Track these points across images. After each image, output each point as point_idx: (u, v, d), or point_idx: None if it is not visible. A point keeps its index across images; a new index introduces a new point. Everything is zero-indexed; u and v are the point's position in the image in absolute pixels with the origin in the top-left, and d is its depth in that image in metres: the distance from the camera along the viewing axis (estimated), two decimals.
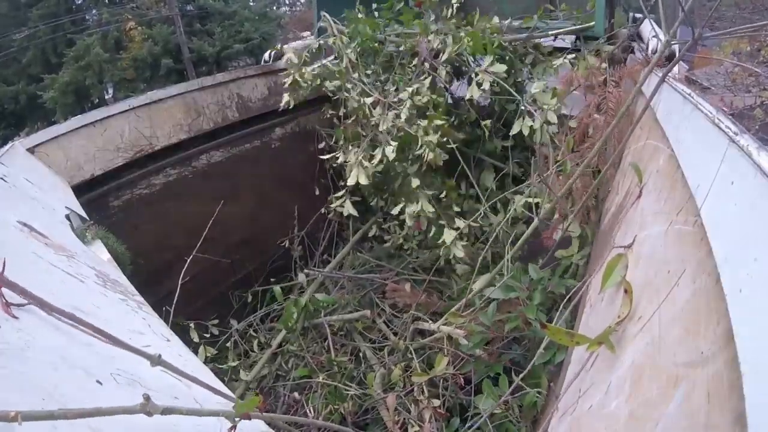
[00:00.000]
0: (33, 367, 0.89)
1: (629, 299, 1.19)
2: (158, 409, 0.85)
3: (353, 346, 3.34)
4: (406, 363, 2.76)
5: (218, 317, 3.67)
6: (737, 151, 0.90)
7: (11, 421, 0.61)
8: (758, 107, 5.89)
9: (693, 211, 1.04)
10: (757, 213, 0.77)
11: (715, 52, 6.52)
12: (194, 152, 3.87)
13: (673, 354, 0.89)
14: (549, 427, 1.50)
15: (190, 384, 1.22)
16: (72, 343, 1.06)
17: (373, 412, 2.78)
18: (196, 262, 3.10)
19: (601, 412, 1.10)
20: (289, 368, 3.31)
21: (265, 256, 4.22)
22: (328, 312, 3.48)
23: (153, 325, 1.61)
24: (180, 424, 1.06)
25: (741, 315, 0.71)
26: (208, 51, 14.75)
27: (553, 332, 1.28)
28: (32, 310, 1.02)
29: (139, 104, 3.48)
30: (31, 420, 0.64)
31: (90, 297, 1.47)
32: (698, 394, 0.75)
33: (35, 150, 2.99)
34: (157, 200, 3.64)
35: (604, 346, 1.21)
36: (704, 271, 0.89)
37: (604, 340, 1.20)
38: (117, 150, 3.38)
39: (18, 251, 1.42)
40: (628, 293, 1.20)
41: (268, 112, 4.22)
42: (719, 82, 6.42)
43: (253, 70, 4.21)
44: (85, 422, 0.82)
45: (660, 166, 1.48)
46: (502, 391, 2.19)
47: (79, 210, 2.58)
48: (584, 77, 2.68)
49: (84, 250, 2.08)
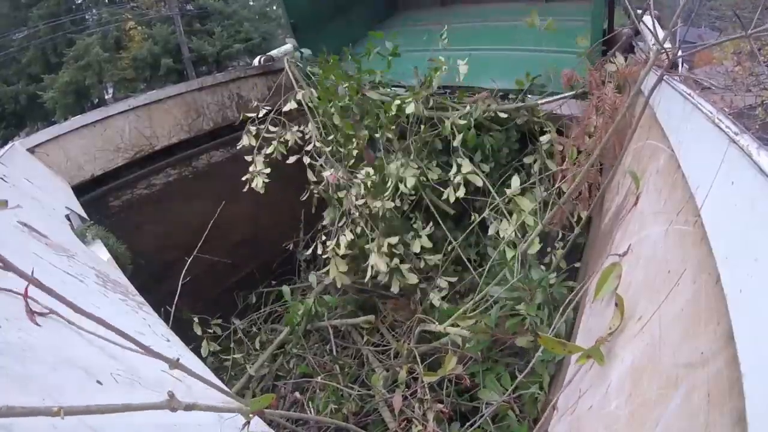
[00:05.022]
0: (33, 367, 0.89)
1: (620, 312, 1.19)
2: (181, 405, 0.88)
3: (356, 349, 3.34)
4: (410, 365, 2.75)
5: (220, 317, 3.68)
6: (737, 151, 0.90)
7: (54, 415, 0.66)
8: (759, 107, 5.89)
9: (693, 211, 1.04)
10: (757, 213, 0.77)
11: (715, 51, 6.52)
12: (194, 152, 3.88)
13: (673, 354, 0.89)
14: (549, 426, 1.50)
15: (191, 384, 1.22)
16: (72, 343, 1.06)
17: (375, 414, 2.78)
18: (196, 262, 3.10)
19: (601, 412, 1.10)
20: (291, 368, 3.31)
21: (266, 256, 4.22)
22: (331, 315, 3.47)
23: (153, 325, 1.61)
24: (180, 425, 1.06)
25: (741, 315, 0.71)
26: (208, 51, 14.76)
27: (546, 342, 1.28)
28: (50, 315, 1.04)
29: (139, 104, 3.49)
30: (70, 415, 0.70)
31: (90, 297, 1.48)
32: (698, 395, 0.75)
33: (35, 150, 2.99)
34: (157, 200, 3.64)
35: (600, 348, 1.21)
36: (704, 271, 0.89)
37: (593, 354, 1.20)
38: (117, 150, 3.38)
39: (18, 251, 1.42)
40: (619, 306, 1.20)
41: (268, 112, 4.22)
42: (719, 82, 6.42)
43: (253, 70, 4.21)
44: (85, 422, 0.82)
45: (660, 166, 1.48)
46: (505, 389, 2.19)
47: (79, 210, 2.58)
48: (582, 78, 2.68)
49: (84, 250, 2.08)
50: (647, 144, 1.74)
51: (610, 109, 2.28)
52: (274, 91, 3.78)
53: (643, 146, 1.80)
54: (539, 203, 2.67)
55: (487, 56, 3.49)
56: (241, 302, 4.02)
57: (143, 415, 0.97)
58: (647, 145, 1.74)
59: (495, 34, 3.86)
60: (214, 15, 15.48)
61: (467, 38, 3.74)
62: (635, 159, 1.87)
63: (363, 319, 3.32)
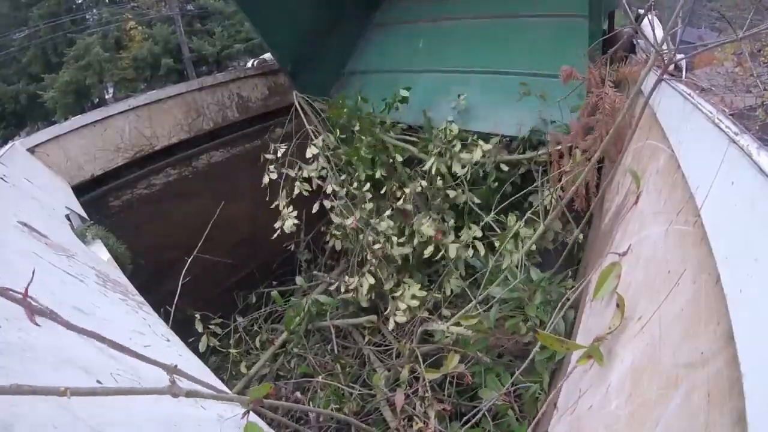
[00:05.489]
0: (33, 367, 0.89)
1: (621, 312, 1.19)
2: (182, 392, 0.89)
3: (357, 349, 3.34)
4: (412, 365, 2.76)
5: (220, 317, 3.68)
6: (737, 151, 0.90)
7: (61, 395, 0.69)
8: (760, 107, 5.89)
9: (693, 211, 1.03)
10: (757, 213, 0.77)
11: (716, 51, 6.52)
12: (194, 152, 3.88)
13: (673, 354, 0.89)
14: (549, 426, 1.50)
15: (191, 384, 1.22)
16: (72, 343, 1.06)
17: (376, 413, 2.77)
18: (196, 262, 3.10)
19: (601, 412, 1.10)
20: (292, 368, 3.31)
21: (266, 256, 4.22)
22: (333, 315, 3.48)
23: (153, 325, 1.61)
24: (180, 423, 1.06)
25: (741, 315, 0.71)
26: (208, 51, 14.77)
27: (545, 338, 1.28)
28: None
29: (139, 104, 3.49)
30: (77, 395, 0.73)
31: (90, 297, 1.48)
32: (698, 395, 0.75)
33: (35, 150, 2.99)
34: (157, 200, 3.64)
35: (600, 347, 1.21)
36: (704, 271, 0.89)
37: (593, 353, 1.20)
38: (117, 150, 3.38)
39: (18, 251, 1.42)
40: (620, 306, 1.20)
41: (268, 112, 4.22)
42: (719, 82, 6.42)
43: (253, 70, 4.21)
44: (85, 422, 0.82)
45: (660, 166, 1.48)
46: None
47: (79, 210, 2.58)
48: (582, 76, 2.67)
49: (84, 250, 2.08)
50: (647, 144, 1.74)
51: (610, 108, 2.28)
52: (273, 90, 3.79)
53: (643, 146, 1.80)
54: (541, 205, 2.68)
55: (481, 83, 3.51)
56: (241, 302, 4.02)
57: (143, 416, 0.97)
58: (647, 145, 1.74)
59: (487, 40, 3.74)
60: (215, 15, 15.49)
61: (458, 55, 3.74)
62: (635, 159, 1.87)
63: (365, 319, 3.32)
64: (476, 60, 3.64)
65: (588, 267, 2.27)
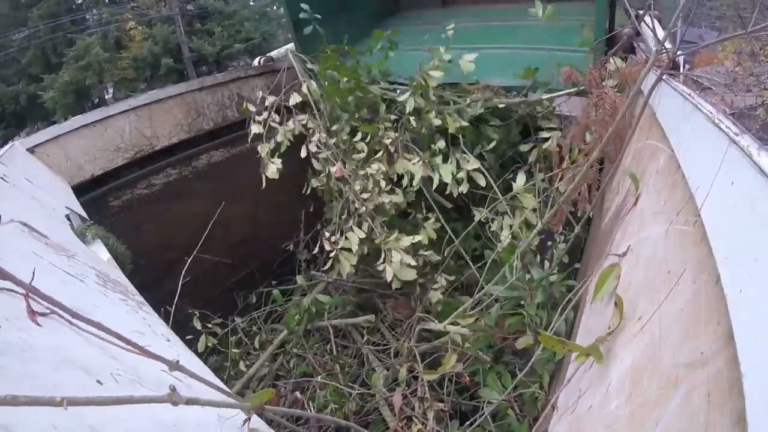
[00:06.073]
0: (33, 367, 0.89)
1: (619, 312, 1.19)
2: (182, 399, 0.88)
3: (356, 348, 3.34)
4: (410, 364, 2.75)
5: (220, 317, 3.68)
6: (737, 151, 0.89)
7: (58, 405, 0.67)
8: (760, 107, 5.89)
9: (693, 211, 1.03)
10: (757, 213, 0.77)
11: (717, 51, 6.51)
12: (194, 152, 3.88)
13: (673, 354, 0.89)
14: (549, 426, 1.50)
15: (191, 384, 1.22)
16: (72, 343, 1.06)
17: (375, 413, 2.78)
18: (196, 262, 3.10)
19: (601, 412, 1.10)
20: (291, 368, 3.31)
21: (266, 256, 4.22)
22: (331, 315, 3.47)
23: (153, 324, 1.61)
24: (180, 425, 1.06)
25: (741, 315, 0.71)
26: (208, 51, 14.76)
27: (545, 339, 1.28)
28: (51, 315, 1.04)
29: (139, 104, 3.49)
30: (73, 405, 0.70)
31: (90, 297, 1.48)
32: (698, 395, 0.75)
33: (35, 150, 2.99)
34: (157, 200, 3.64)
35: (599, 348, 1.21)
36: (704, 271, 0.89)
37: (592, 352, 1.20)
38: (117, 150, 3.39)
39: (18, 251, 1.42)
40: (619, 306, 1.20)
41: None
42: (720, 82, 6.42)
43: (253, 70, 4.22)
44: (85, 422, 0.82)
45: (660, 166, 1.48)
46: (505, 388, 2.19)
47: (79, 210, 2.58)
48: (582, 76, 2.67)
49: (84, 250, 2.08)
50: (647, 144, 1.74)
51: (610, 108, 2.27)
52: (273, 89, 3.78)
53: (643, 146, 1.79)
54: (540, 200, 2.67)
55: (489, 54, 3.45)
56: (242, 302, 4.03)
57: (143, 416, 0.97)
58: (647, 145, 1.74)
59: (496, 33, 3.83)
60: (215, 15, 15.47)
61: (469, 38, 3.71)
62: (635, 159, 1.87)
63: (363, 318, 3.32)
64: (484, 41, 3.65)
65: (588, 267, 2.27)
